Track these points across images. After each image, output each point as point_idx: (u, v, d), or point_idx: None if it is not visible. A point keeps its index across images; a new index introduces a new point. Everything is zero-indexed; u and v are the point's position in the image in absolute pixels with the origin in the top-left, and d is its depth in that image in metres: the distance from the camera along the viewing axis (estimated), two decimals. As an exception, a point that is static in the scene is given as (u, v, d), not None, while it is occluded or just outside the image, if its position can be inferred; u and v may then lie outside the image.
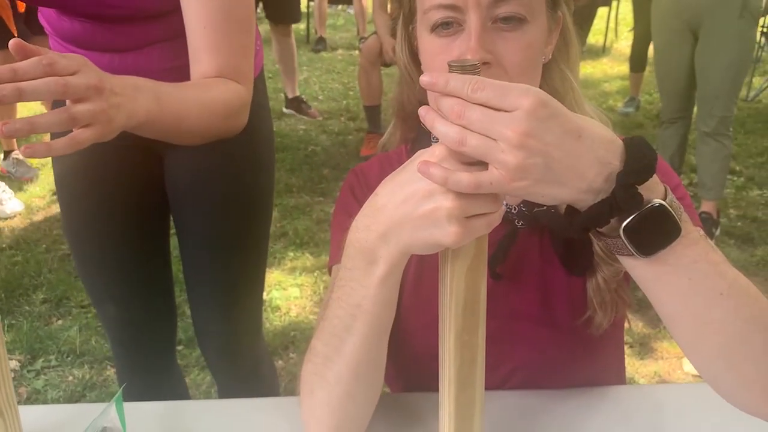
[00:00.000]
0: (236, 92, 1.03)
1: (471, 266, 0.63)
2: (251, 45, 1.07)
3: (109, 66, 1.19)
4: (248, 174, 1.32)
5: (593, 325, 0.86)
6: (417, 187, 0.59)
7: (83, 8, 1.09)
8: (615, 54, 6.54)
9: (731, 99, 2.99)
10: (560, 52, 0.85)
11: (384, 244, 0.62)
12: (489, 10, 0.73)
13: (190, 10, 0.99)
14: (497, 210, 0.60)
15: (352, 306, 0.67)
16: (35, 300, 2.64)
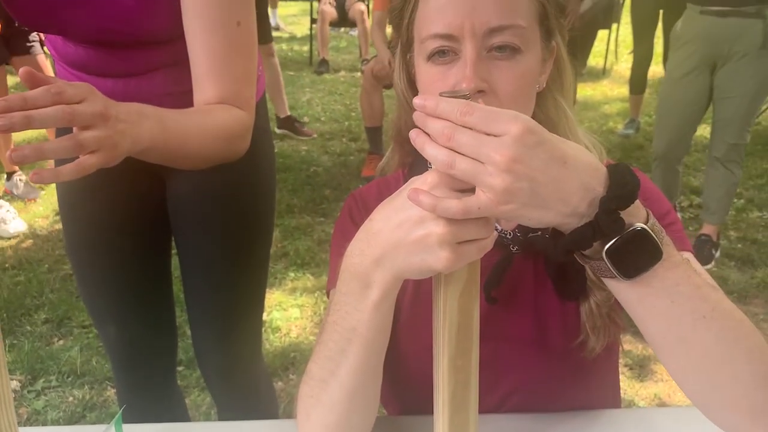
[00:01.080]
0: (238, 117, 1.05)
1: (464, 291, 0.65)
2: (253, 71, 1.10)
3: (113, 91, 1.21)
4: (249, 197, 1.34)
5: (587, 349, 0.87)
6: (410, 213, 0.60)
7: (87, 35, 1.12)
8: (615, 76, 6.60)
9: (744, 127, 2.97)
10: (554, 81, 0.87)
11: (378, 268, 0.64)
12: (484, 40, 0.75)
13: (194, 38, 1.02)
14: (489, 235, 0.62)
15: (347, 330, 0.68)
16: (37, 320, 2.65)
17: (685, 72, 3.00)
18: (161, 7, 1.04)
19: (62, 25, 1.10)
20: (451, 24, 0.75)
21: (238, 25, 1.02)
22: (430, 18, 0.77)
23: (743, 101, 2.90)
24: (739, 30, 2.82)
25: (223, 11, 1.01)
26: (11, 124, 0.71)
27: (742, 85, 2.87)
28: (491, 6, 0.75)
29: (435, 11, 0.77)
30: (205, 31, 1.01)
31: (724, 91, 2.94)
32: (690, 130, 3.14)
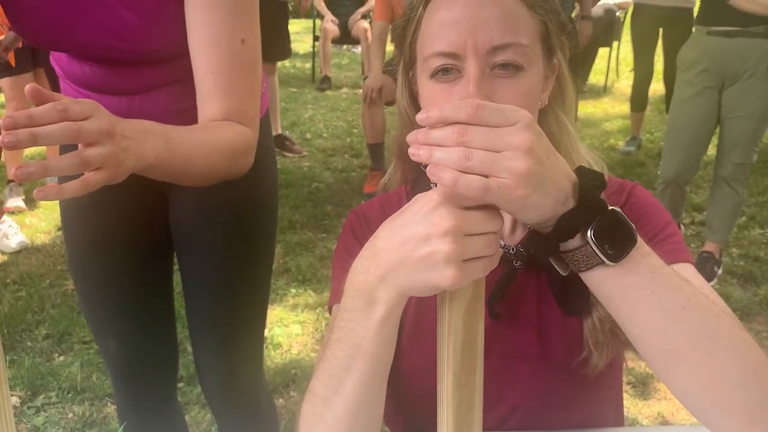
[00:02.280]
0: (242, 134, 1.05)
1: (468, 308, 0.65)
2: (257, 88, 1.10)
3: (118, 108, 1.22)
4: (252, 213, 1.34)
5: (590, 365, 0.86)
6: (415, 230, 0.60)
7: (92, 52, 1.13)
8: (616, 93, 6.63)
9: (751, 147, 2.97)
10: (556, 98, 0.88)
11: (383, 285, 0.64)
12: (487, 58, 0.76)
13: (198, 55, 1.02)
14: (494, 252, 0.62)
15: (351, 347, 0.68)
16: (37, 335, 2.64)
17: (693, 93, 3.00)
18: (166, 24, 1.05)
19: (67, 43, 1.11)
20: (454, 42, 0.76)
21: (242, 42, 1.03)
22: (434, 36, 0.78)
23: (751, 121, 2.90)
24: (747, 50, 2.83)
25: (228, 28, 1.02)
26: (17, 141, 0.71)
27: (750, 104, 2.88)
28: (494, 24, 0.75)
29: (438, 30, 0.78)
30: (210, 48, 1.02)
31: (732, 111, 2.94)
32: (700, 152, 3.11)
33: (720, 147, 3.06)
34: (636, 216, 0.86)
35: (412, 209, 0.62)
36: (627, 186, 0.92)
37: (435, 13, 0.78)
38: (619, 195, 0.90)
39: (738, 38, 2.83)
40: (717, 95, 2.97)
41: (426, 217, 0.60)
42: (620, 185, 0.92)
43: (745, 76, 2.86)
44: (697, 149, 3.08)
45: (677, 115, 3.11)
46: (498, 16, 0.76)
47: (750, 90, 2.86)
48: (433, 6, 0.79)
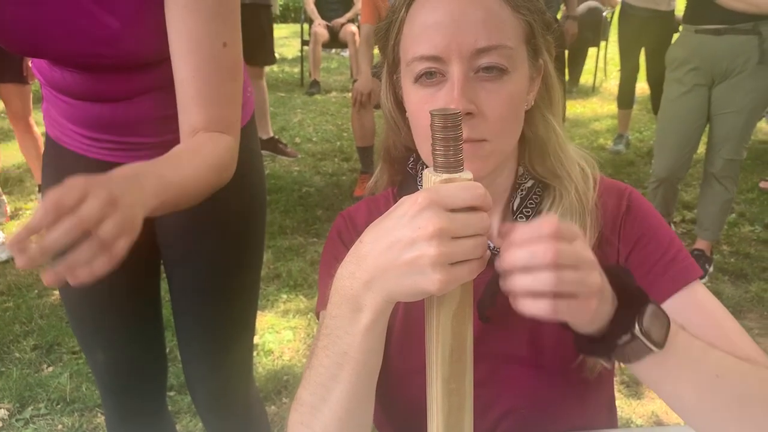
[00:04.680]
0: (227, 146, 1.02)
1: (456, 312, 0.64)
2: (239, 93, 1.08)
3: (101, 116, 1.20)
4: (239, 221, 1.33)
5: (586, 368, 0.85)
6: (401, 234, 0.59)
7: (74, 59, 1.11)
8: (604, 93, 6.66)
9: (741, 143, 2.97)
10: (542, 98, 0.87)
11: (369, 291, 0.62)
12: (471, 61, 0.74)
13: (179, 60, 1.00)
14: (481, 255, 0.61)
15: (338, 354, 0.66)
16: (25, 347, 2.61)
17: (684, 91, 3.00)
18: (148, 29, 1.03)
19: (47, 50, 1.09)
20: (437, 45, 0.74)
21: (224, 46, 1.00)
22: (416, 39, 0.77)
23: (740, 116, 2.91)
24: (735, 47, 2.83)
25: (209, 32, 1.00)
26: (30, 260, 0.67)
27: (740, 100, 2.88)
28: (478, 26, 0.74)
29: (421, 32, 0.76)
30: (191, 53, 0.99)
31: (722, 107, 2.94)
32: (692, 149, 3.11)
33: (710, 144, 3.06)
34: (640, 232, 0.86)
35: (397, 212, 0.60)
36: (624, 190, 0.90)
37: (417, 15, 0.77)
38: (617, 200, 0.89)
39: (726, 36, 2.83)
40: (707, 92, 2.97)
41: (411, 221, 0.58)
42: (616, 189, 0.90)
43: (735, 73, 2.86)
44: (688, 147, 3.08)
45: (668, 114, 3.11)
46: (482, 18, 0.74)
47: (740, 86, 2.87)
48: (415, 8, 0.78)
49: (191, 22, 0.99)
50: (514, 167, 0.88)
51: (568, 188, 0.85)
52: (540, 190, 0.87)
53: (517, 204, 0.86)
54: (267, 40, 4.60)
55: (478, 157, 0.77)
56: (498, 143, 0.78)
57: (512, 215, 0.87)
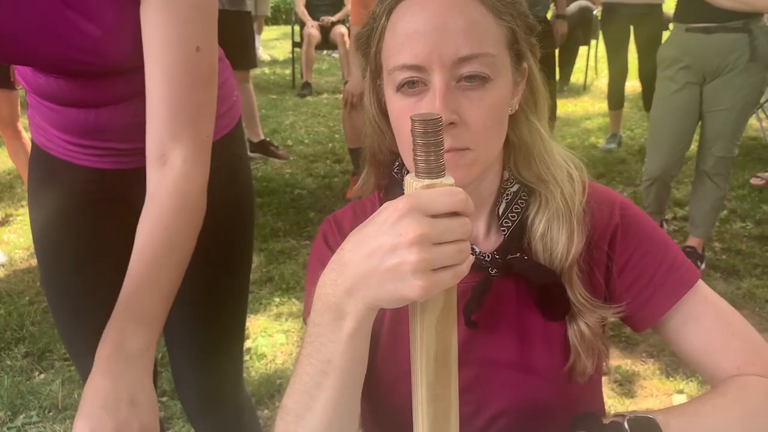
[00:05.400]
0: (193, 183, 1.00)
1: (440, 318, 0.63)
2: (211, 103, 1.04)
3: (86, 121, 1.19)
4: (226, 227, 1.32)
5: (576, 371, 0.85)
6: (382, 241, 0.59)
7: (55, 65, 1.10)
8: (595, 92, 6.67)
9: (732, 141, 2.97)
10: (527, 102, 0.86)
11: (351, 298, 0.62)
12: (452, 70, 0.74)
13: (151, 63, 0.98)
14: (464, 261, 0.60)
15: (322, 362, 0.66)
16: (17, 354, 2.59)
17: (675, 89, 3.00)
18: (128, 36, 1.02)
19: (29, 57, 1.08)
20: (418, 54, 0.73)
21: (197, 50, 0.98)
22: (398, 48, 0.76)
23: (732, 114, 2.91)
24: (726, 45, 2.83)
25: (182, 35, 0.97)
26: None
27: (731, 97, 2.88)
28: (459, 35, 0.73)
29: (402, 41, 0.75)
30: (163, 55, 0.97)
31: (714, 105, 2.94)
32: (684, 147, 3.11)
33: (701, 141, 3.07)
34: (635, 245, 0.87)
35: (378, 219, 0.60)
36: (615, 199, 0.90)
37: (398, 23, 0.76)
38: (608, 208, 0.88)
39: (716, 34, 2.84)
40: (698, 90, 2.98)
41: (392, 227, 0.58)
42: (607, 196, 0.90)
43: (726, 71, 2.87)
44: (681, 145, 3.09)
45: (660, 112, 3.12)
46: (463, 26, 0.73)
47: (731, 83, 2.88)
48: (396, 16, 0.77)
49: (163, 24, 0.96)
50: (499, 171, 0.87)
51: (553, 192, 0.84)
52: (526, 195, 0.87)
53: (502, 209, 0.86)
54: (250, 45, 4.62)
55: (462, 165, 0.77)
56: (481, 151, 0.78)
57: (497, 220, 0.86)
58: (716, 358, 0.84)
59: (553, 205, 0.84)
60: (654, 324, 0.87)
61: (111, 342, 0.89)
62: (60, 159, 1.27)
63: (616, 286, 0.87)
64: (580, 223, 0.84)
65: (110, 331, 0.91)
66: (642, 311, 0.86)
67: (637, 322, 0.88)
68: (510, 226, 0.85)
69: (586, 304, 0.84)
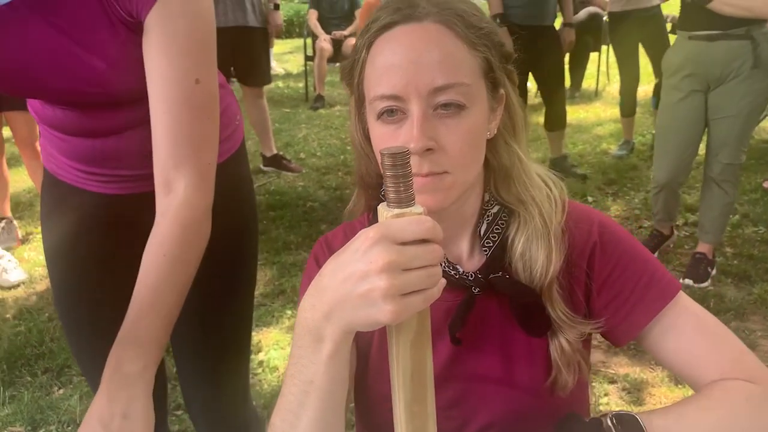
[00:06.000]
0: (193, 211, 1.05)
1: (414, 340, 0.67)
2: (214, 134, 1.09)
3: (93, 150, 1.25)
4: (232, 246, 1.36)
5: (558, 385, 0.88)
6: (355, 268, 0.62)
7: (62, 97, 1.15)
8: (607, 98, 6.66)
9: (739, 148, 2.97)
10: (506, 126, 0.90)
11: (328, 323, 0.66)
12: (429, 99, 0.78)
13: (152, 97, 1.03)
14: (434, 285, 0.64)
15: (304, 382, 0.70)
16: (37, 370, 2.66)
17: (680, 97, 3.01)
18: (131, 68, 1.07)
19: (37, 90, 1.14)
20: (396, 85, 0.77)
21: (196, 82, 1.03)
22: (377, 79, 0.80)
23: (737, 121, 2.91)
24: (729, 53, 2.84)
25: (181, 68, 1.02)
26: None
27: (736, 105, 2.88)
28: (435, 66, 0.77)
29: (381, 72, 0.79)
30: (164, 89, 1.02)
31: (718, 112, 2.94)
32: (691, 155, 3.11)
33: (708, 148, 3.07)
34: (613, 263, 0.89)
35: (352, 247, 0.64)
36: (593, 218, 0.92)
37: (377, 56, 0.80)
38: (587, 226, 0.91)
39: (719, 41, 2.84)
40: (703, 98, 2.98)
41: (364, 255, 0.62)
42: (586, 214, 0.93)
43: (729, 78, 2.87)
44: (688, 152, 3.09)
45: (666, 120, 3.13)
46: (438, 58, 0.77)
47: (735, 91, 2.88)
48: (375, 50, 0.81)
49: (164, 58, 1.01)
50: (480, 193, 0.91)
51: (532, 212, 0.88)
52: (506, 215, 0.90)
53: (483, 229, 0.89)
54: (264, 62, 4.67)
55: (441, 189, 0.80)
56: (459, 175, 0.81)
57: (479, 240, 0.90)
58: (699, 367, 0.86)
59: (532, 224, 0.87)
60: (634, 337, 0.89)
61: (111, 365, 0.96)
62: (70, 185, 1.32)
63: (596, 303, 0.89)
64: (558, 241, 0.87)
65: (112, 354, 0.97)
66: (622, 326, 0.89)
67: (618, 337, 0.90)
68: (491, 246, 0.89)
69: (567, 320, 0.86)
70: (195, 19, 1.03)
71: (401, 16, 0.80)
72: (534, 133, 5.29)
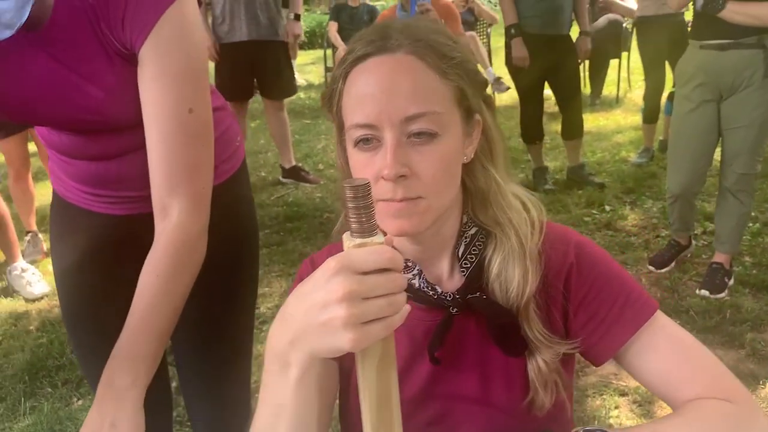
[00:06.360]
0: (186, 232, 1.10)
1: (379, 364, 0.69)
2: (207, 161, 1.14)
3: (97, 172, 1.30)
4: (232, 264, 1.40)
5: (535, 405, 0.90)
6: (317, 297, 0.65)
7: (65, 124, 1.20)
8: (628, 104, 6.61)
9: (753, 157, 2.94)
10: (483, 151, 0.92)
11: (293, 349, 0.68)
12: (402, 127, 0.80)
13: (148, 125, 1.08)
14: (394, 313, 0.66)
15: (274, 406, 0.72)
16: (57, 381, 2.73)
17: (692, 107, 2.98)
18: (129, 96, 1.11)
19: (40, 118, 1.19)
20: (369, 114, 0.80)
21: (189, 112, 1.07)
22: (352, 108, 0.83)
23: (750, 131, 2.88)
24: (740, 62, 2.81)
25: (174, 98, 1.06)
26: None
27: (748, 114, 2.85)
28: (407, 96, 0.79)
29: (355, 102, 0.82)
30: (158, 118, 1.06)
31: (731, 122, 2.92)
32: (705, 165, 3.08)
33: (723, 158, 3.04)
34: (588, 285, 0.90)
35: (315, 276, 0.66)
36: (570, 240, 0.93)
37: (352, 86, 0.83)
38: (563, 246, 0.92)
39: (731, 51, 2.82)
40: (716, 107, 2.95)
41: (325, 285, 0.64)
42: (562, 236, 0.94)
43: (742, 87, 2.84)
44: (701, 162, 3.06)
45: (679, 130, 3.10)
46: (410, 88, 0.80)
47: (747, 100, 2.85)
48: (350, 80, 0.84)
49: (157, 88, 1.06)
50: (459, 216, 0.93)
51: (508, 234, 0.89)
52: (483, 237, 0.92)
53: (462, 250, 0.91)
54: (285, 74, 4.70)
55: (416, 213, 0.82)
56: (433, 200, 0.83)
57: (458, 261, 0.92)
58: (676, 386, 0.87)
59: (508, 246, 0.89)
60: (611, 357, 0.90)
61: (104, 379, 1.03)
62: (78, 207, 1.37)
63: (573, 324, 0.91)
64: (534, 262, 0.88)
65: (106, 369, 1.03)
66: (599, 346, 0.90)
67: (595, 357, 0.92)
68: (469, 267, 0.91)
69: (544, 340, 0.88)
70: (187, 50, 1.07)
71: (375, 48, 0.82)
72: (553, 141, 5.28)
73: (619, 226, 3.86)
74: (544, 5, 4.13)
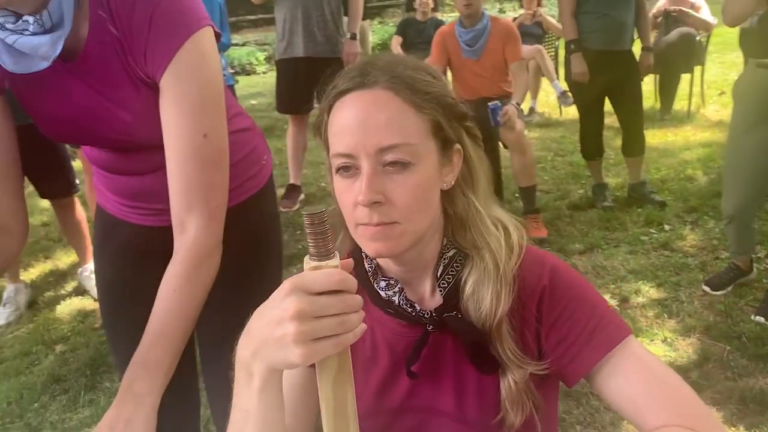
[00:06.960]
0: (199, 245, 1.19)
1: (336, 378, 0.75)
2: (221, 180, 1.23)
3: (132, 186, 1.41)
4: (254, 279, 1.49)
5: (506, 424, 0.93)
6: (272, 314, 0.71)
7: (104, 144, 1.33)
8: (700, 120, 6.37)
9: None
10: (464, 178, 0.96)
11: (255, 361, 0.75)
12: (377, 157, 0.86)
13: (167, 148, 1.18)
14: (347, 331, 0.71)
15: (242, 411, 0.79)
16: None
17: (748, 127, 2.89)
18: (151, 120, 1.20)
19: (79, 138, 1.31)
20: (348, 144, 0.86)
21: (204, 137, 1.16)
22: (335, 138, 0.89)
23: None
24: None
25: (190, 124, 1.16)
26: None
27: None
28: (382, 128, 0.85)
29: (337, 132, 0.88)
30: (176, 142, 1.16)
31: None
32: (762, 187, 2.98)
33: None
34: (560, 308, 0.93)
35: (273, 295, 0.73)
36: (545, 263, 0.96)
37: (335, 118, 0.90)
38: (539, 269, 0.95)
39: None
40: None
41: (280, 303, 0.71)
42: (539, 259, 0.96)
43: None
44: (758, 184, 2.95)
45: (734, 150, 3.00)
46: (384, 121, 0.85)
47: None
48: (333, 112, 0.90)
49: (174, 114, 1.16)
50: (439, 239, 0.97)
51: (485, 257, 0.93)
52: (462, 259, 0.96)
53: (440, 271, 0.96)
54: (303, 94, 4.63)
55: (391, 237, 0.88)
56: (408, 225, 0.88)
57: (437, 281, 0.96)
58: (642, 412, 0.87)
59: (482, 267, 0.93)
60: (581, 378, 0.93)
61: (125, 384, 1.12)
62: (116, 217, 1.49)
63: (545, 345, 0.93)
64: (508, 284, 0.92)
65: (126, 374, 1.13)
66: (569, 367, 0.92)
67: (566, 378, 0.94)
68: (446, 287, 0.95)
69: (515, 360, 0.91)
70: (203, 80, 1.17)
71: (354, 84, 0.89)
72: (617, 157, 5.16)
73: (676, 247, 3.76)
74: (606, 21, 4.07)
